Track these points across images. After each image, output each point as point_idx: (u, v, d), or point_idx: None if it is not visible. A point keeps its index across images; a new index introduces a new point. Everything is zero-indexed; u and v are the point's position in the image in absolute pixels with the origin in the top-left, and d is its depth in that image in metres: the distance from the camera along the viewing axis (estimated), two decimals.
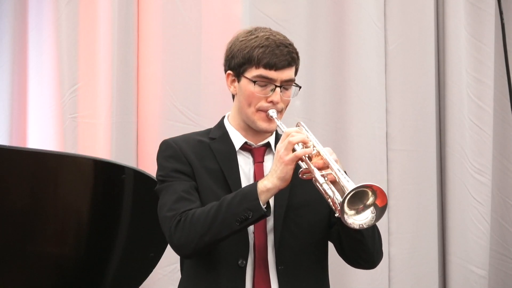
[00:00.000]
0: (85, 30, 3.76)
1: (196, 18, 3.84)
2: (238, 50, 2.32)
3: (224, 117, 2.43)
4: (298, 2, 4.02)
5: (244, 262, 2.26)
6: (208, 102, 3.80)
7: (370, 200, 2.04)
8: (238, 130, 2.37)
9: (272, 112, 2.30)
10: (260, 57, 2.28)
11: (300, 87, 2.36)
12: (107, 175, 2.85)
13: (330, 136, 4.04)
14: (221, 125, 2.42)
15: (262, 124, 2.31)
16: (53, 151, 3.31)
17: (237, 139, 2.36)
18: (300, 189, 2.27)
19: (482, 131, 4.35)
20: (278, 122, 2.29)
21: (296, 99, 4.02)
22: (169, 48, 3.81)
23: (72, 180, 2.77)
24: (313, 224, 2.30)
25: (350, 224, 2.04)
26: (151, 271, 3.13)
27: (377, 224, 2.31)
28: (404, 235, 4.14)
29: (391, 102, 4.17)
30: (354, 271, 3.94)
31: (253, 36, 2.31)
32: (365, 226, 2.06)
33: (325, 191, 2.10)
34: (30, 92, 3.77)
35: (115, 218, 2.92)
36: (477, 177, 4.32)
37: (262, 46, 2.28)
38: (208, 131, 2.43)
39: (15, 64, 3.78)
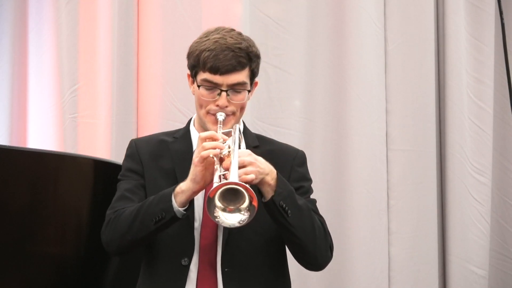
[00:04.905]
0: (85, 30, 3.76)
1: (196, 18, 3.84)
2: (191, 52, 2.34)
3: (192, 117, 2.46)
4: (298, 2, 4.02)
5: (187, 260, 2.25)
6: None
7: (245, 204, 2.04)
8: (198, 130, 2.39)
9: (220, 115, 2.30)
10: (205, 61, 2.28)
11: (249, 91, 2.34)
12: (107, 175, 2.85)
13: (330, 136, 4.04)
14: (187, 124, 2.44)
15: (212, 127, 2.32)
16: (53, 151, 3.31)
17: (196, 138, 2.34)
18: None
19: (482, 131, 4.34)
20: (219, 127, 2.27)
21: (296, 99, 4.03)
22: (169, 48, 3.81)
23: (72, 180, 2.77)
24: (264, 226, 2.27)
25: (211, 213, 2.04)
26: None
27: (377, 224, 2.30)
28: (404, 235, 4.13)
29: (391, 102, 4.17)
30: (354, 271, 3.95)
31: (205, 39, 2.31)
32: (222, 224, 2.06)
33: None
34: (30, 92, 3.77)
35: None
36: (477, 177, 4.31)
37: (208, 50, 2.28)
38: (176, 130, 2.45)
39: (15, 64, 3.78)
